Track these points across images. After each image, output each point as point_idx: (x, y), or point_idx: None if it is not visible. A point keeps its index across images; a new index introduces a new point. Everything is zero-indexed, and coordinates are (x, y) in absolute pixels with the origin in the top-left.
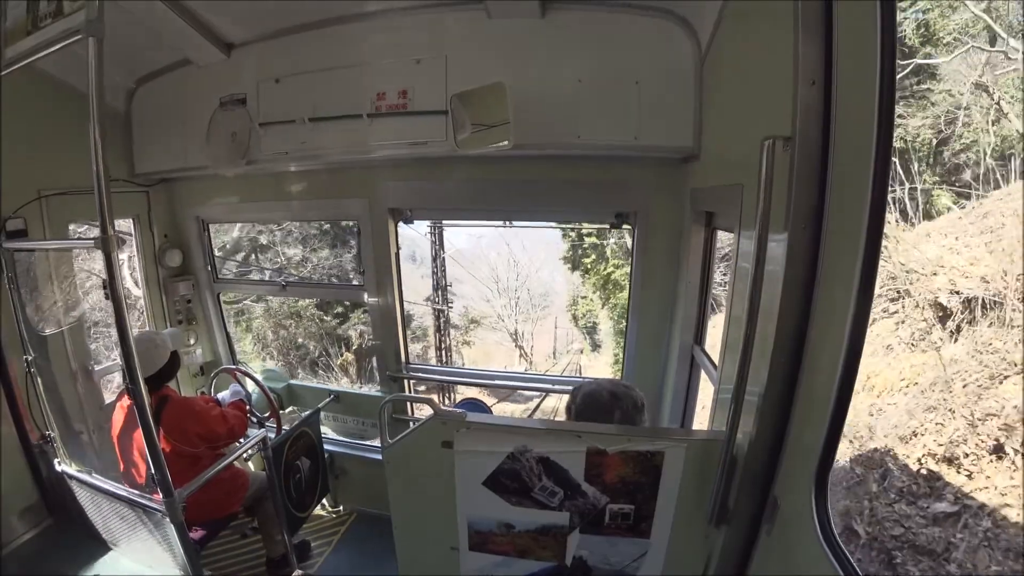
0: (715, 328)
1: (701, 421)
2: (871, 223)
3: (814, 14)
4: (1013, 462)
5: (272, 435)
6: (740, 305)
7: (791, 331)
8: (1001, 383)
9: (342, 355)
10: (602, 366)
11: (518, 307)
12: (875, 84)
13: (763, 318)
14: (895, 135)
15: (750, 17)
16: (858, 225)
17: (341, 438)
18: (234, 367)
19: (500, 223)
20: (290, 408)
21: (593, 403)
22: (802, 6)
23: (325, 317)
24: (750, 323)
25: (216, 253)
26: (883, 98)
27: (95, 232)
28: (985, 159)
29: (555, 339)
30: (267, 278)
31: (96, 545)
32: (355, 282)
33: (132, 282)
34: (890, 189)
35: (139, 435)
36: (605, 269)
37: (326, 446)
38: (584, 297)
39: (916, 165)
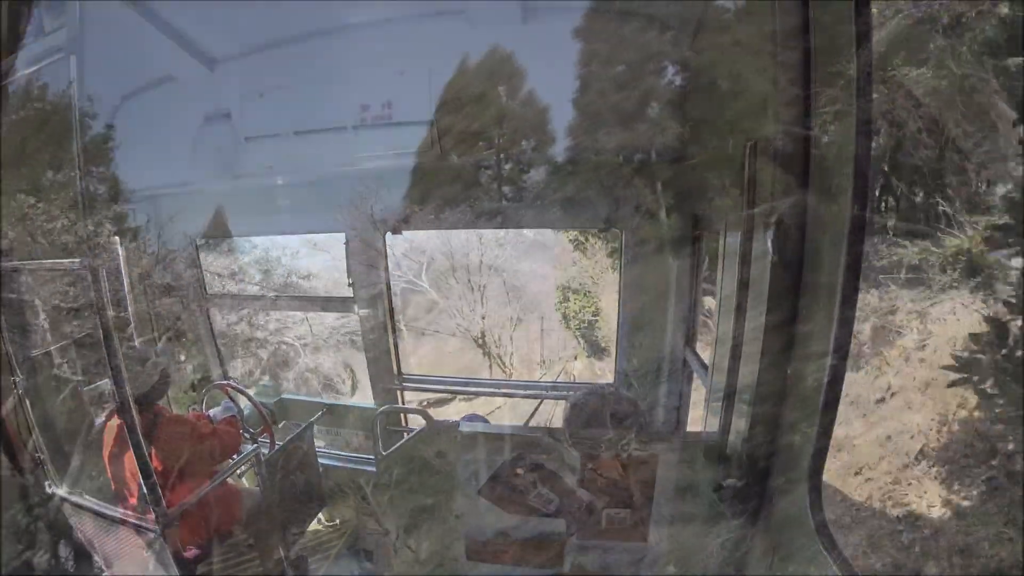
0: (706, 330)
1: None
2: (853, 220)
3: (792, 16)
4: None
5: (265, 451)
6: (729, 306)
7: (779, 331)
8: None
9: None
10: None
11: (484, 299)
12: (853, 83)
13: (751, 318)
14: None
15: (731, 20)
16: (841, 223)
17: (335, 451)
18: (225, 383)
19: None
20: (283, 422)
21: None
22: (779, 7)
23: None
24: (738, 324)
25: (204, 268)
26: (861, 96)
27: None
28: None
29: (542, 345)
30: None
31: (90, 567)
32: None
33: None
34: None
35: (130, 455)
36: None
37: (320, 459)
38: (577, 290)
39: None
